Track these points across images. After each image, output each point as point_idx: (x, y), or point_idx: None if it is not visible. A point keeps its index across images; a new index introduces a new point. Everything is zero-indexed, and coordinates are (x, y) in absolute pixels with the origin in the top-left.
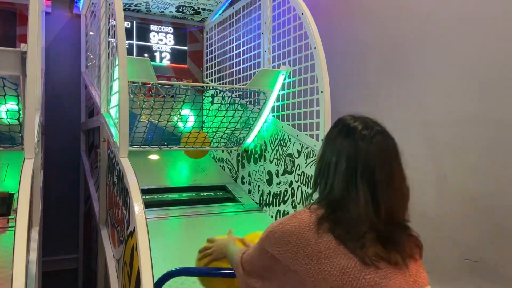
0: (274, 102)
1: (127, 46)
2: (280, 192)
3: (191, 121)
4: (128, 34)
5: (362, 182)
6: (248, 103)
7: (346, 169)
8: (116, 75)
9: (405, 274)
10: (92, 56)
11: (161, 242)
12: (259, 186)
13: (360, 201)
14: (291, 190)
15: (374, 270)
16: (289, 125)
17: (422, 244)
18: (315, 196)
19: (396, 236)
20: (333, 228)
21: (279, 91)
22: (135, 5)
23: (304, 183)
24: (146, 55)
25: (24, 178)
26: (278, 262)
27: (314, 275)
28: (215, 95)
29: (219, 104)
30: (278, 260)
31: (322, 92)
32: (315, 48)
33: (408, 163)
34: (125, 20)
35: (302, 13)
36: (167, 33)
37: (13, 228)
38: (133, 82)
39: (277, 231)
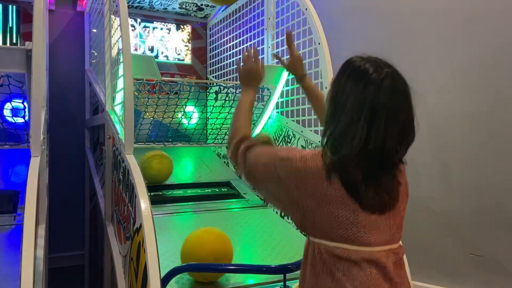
0: (278, 98)
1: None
2: None
3: (195, 117)
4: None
5: (364, 122)
6: None
7: (353, 110)
8: (120, 72)
9: (386, 228)
10: (96, 54)
11: (167, 238)
12: None
13: (355, 138)
14: None
15: (368, 217)
16: (293, 121)
17: (404, 193)
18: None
19: (383, 181)
20: (339, 172)
21: (283, 87)
22: (138, 2)
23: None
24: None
25: (31, 176)
26: (279, 181)
27: (310, 209)
28: (219, 91)
29: (223, 101)
30: (281, 180)
31: (326, 87)
32: (319, 43)
33: (413, 158)
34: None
35: (306, 9)
36: (170, 29)
37: (20, 225)
38: (137, 79)
39: (300, 166)
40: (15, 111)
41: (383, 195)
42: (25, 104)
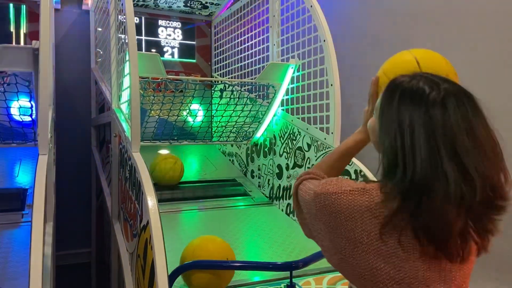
0: (284, 96)
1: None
2: (290, 186)
3: (201, 115)
4: (137, 29)
5: (446, 155)
6: (257, 97)
7: (425, 145)
8: (126, 70)
9: (444, 274)
10: (101, 52)
11: (173, 236)
12: (269, 179)
13: (449, 176)
14: None
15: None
16: (298, 118)
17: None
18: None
19: (482, 225)
20: (412, 222)
21: (288, 85)
22: (143, 0)
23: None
24: (153, 50)
25: (39, 174)
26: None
27: (344, 254)
28: (224, 89)
29: (228, 99)
30: (318, 219)
31: (332, 85)
32: (324, 41)
33: None
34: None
35: (311, 6)
36: (175, 28)
37: (27, 223)
38: (143, 78)
39: (333, 200)
40: (22, 110)
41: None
42: (32, 103)
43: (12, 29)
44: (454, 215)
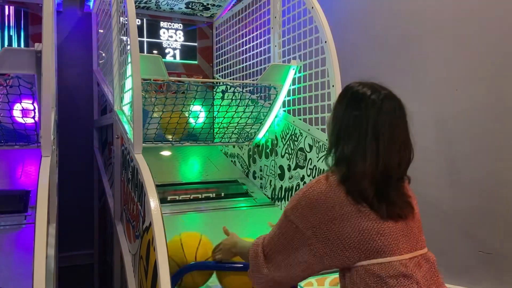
0: (285, 97)
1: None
2: (292, 187)
3: (202, 117)
4: (139, 31)
5: (371, 142)
6: (258, 98)
7: (358, 132)
8: (128, 72)
9: (410, 232)
10: (103, 54)
11: None
12: (271, 180)
13: (367, 157)
14: (303, 185)
15: (392, 224)
16: (300, 119)
17: (415, 203)
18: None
19: (392, 197)
20: (346, 186)
21: (290, 86)
22: (145, 2)
23: (316, 177)
24: (155, 52)
25: (42, 176)
26: (300, 234)
27: (332, 240)
28: (225, 90)
29: (230, 100)
30: (301, 231)
31: (333, 86)
32: (325, 42)
33: (421, 155)
34: None
35: (312, 7)
36: (176, 29)
37: (30, 225)
38: (145, 79)
39: (304, 199)
40: (25, 112)
41: (395, 209)
42: (35, 105)
43: (14, 31)
44: (367, 184)
